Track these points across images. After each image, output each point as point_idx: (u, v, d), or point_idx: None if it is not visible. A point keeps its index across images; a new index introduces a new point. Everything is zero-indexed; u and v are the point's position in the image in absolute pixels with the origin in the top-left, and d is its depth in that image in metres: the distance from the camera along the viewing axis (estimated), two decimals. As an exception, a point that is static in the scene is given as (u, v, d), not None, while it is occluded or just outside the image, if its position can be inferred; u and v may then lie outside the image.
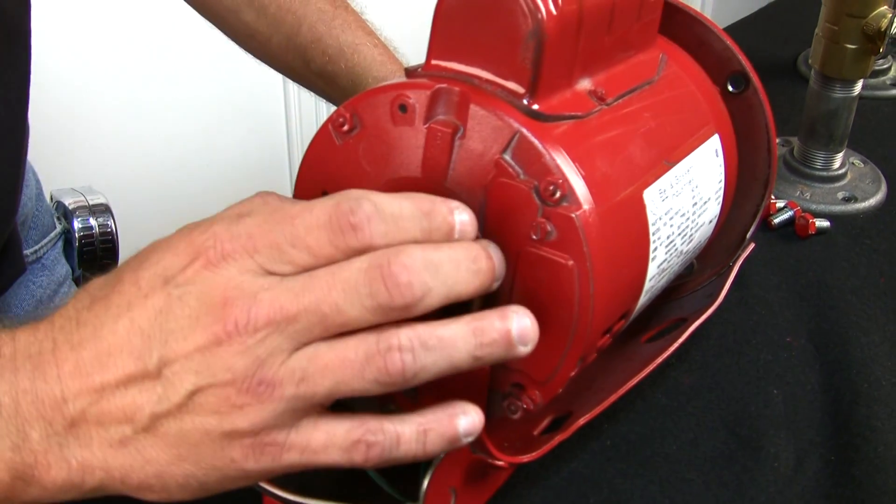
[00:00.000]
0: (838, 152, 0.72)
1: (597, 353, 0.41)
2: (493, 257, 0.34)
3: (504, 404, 0.39)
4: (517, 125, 0.35)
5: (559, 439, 0.42)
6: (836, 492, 0.46)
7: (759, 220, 0.52)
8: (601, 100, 0.40)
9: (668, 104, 0.45)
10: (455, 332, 0.32)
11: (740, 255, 0.53)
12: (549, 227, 0.35)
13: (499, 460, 0.40)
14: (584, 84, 0.40)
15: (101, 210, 0.63)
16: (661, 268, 0.42)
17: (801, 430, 0.50)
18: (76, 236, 0.69)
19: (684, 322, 0.50)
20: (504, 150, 0.35)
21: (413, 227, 0.33)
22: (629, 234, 0.39)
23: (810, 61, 0.71)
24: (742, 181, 0.52)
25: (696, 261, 0.54)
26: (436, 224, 0.33)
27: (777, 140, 0.77)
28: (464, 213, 0.34)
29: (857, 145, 0.78)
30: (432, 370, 0.32)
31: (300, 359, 0.31)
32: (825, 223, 0.68)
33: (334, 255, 0.32)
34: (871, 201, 0.71)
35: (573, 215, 0.34)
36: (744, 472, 0.47)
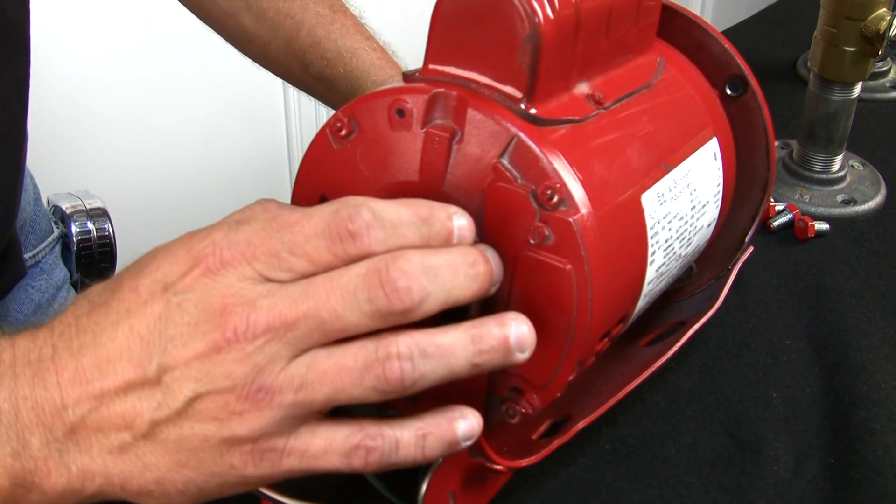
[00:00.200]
0: (837, 155, 0.72)
1: (595, 357, 0.41)
2: (491, 261, 0.34)
3: (502, 408, 0.39)
4: (514, 129, 0.35)
5: (558, 443, 0.42)
6: (835, 495, 0.46)
7: (758, 223, 0.52)
8: (599, 104, 0.40)
9: (666, 108, 0.45)
10: (454, 340, 0.32)
11: (739, 258, 0.53)
12: (547, 231, 0.35)
13: (497, 464, 0.40)
14: (582, 88, 0.40)
15: (99, 214, 0.63)
16: (659, 271, 0.42)
17: (801, 434, 0.50)
18: (74, 240, 0.69)
19: (683, 325, 0.50)
20: (501, 154, 0.35)
21: (411, 233, 0.33)
22: (627, 238, 0.39)
23: (809, 64, 0.71)
24: (741, 184, 0.52)
25: (694, 264, 0.54)
26: (434, 230, 0.33)
27: (776, 143, 0.77)
28: (462, 219, 0.34)
29: (856, 148, 0.78)
30: (431, 378, 0.32)
31: (299, 366, 0.31)
32: (824, 226, 0.68)
33: (333, 263, 0.32)
34: (871, 204, 0.71)
35: (571, 219, 0.34)
36: (743, 476, 0.47)
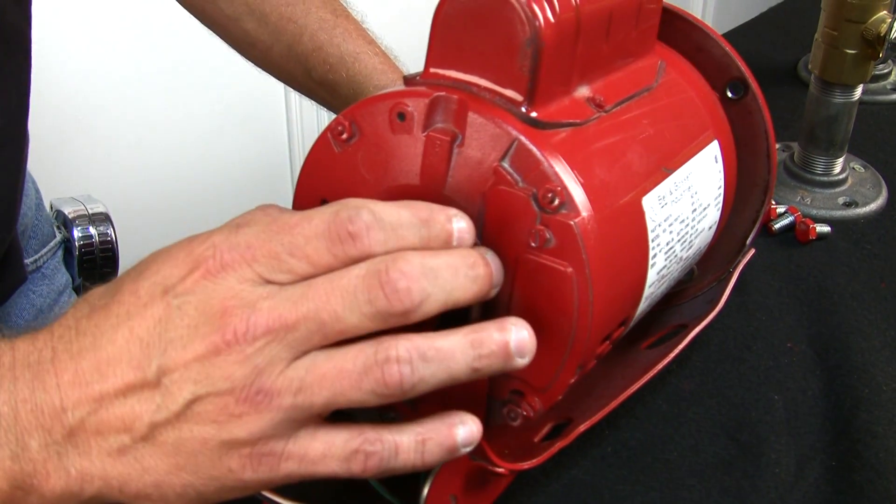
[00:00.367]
0: (839, 157, 0.72)
1: (596, 360, 0.41)
2: (491, 264, 0.34)
3: (504, 411, 0.39)
4: (515, 133, 0.35)
5: (559, 446, 0.42)
6: (837, 498, 0.46)
7: (759, 225, 0.52)
8: (599, 107, 0.40)
9: (667, 111, 0.45)
10: (453, 344, 0.32)
11: (740, 260, 0.53)
12: (548, 234, 0.35)
13: (499, 467, 0.40)
14: (583, 91, 0.40)
15: (101, 219, 0.63)
16: (660, 274, 0.42)
17: (802, 436, 0.50)
18: (76, 245, 0.69)
19: (685, 328, 0.50)
20: (502, 157, 0.35)
21: (411, 235, 0.33)
22: (628, 240, 0.39)
23: (810, 66, 0.71)
24: (742, 187, 0.52)
25: (696, 267, 0.54)
26: (434, 232, 0.34)
27: (777, 145, 0.78)
28: (462, 221, 0.34)
29: (857, 150, 0.78)
30: (431, 382, 0.32)
31: (298, 368, 0.31)
32: (826, 228, 0.68)
33: (333, 264, 0.32)
34: (872, 206, 0.71)
35: (572, 223, 0.35)
36: (744, 479, 0.47)
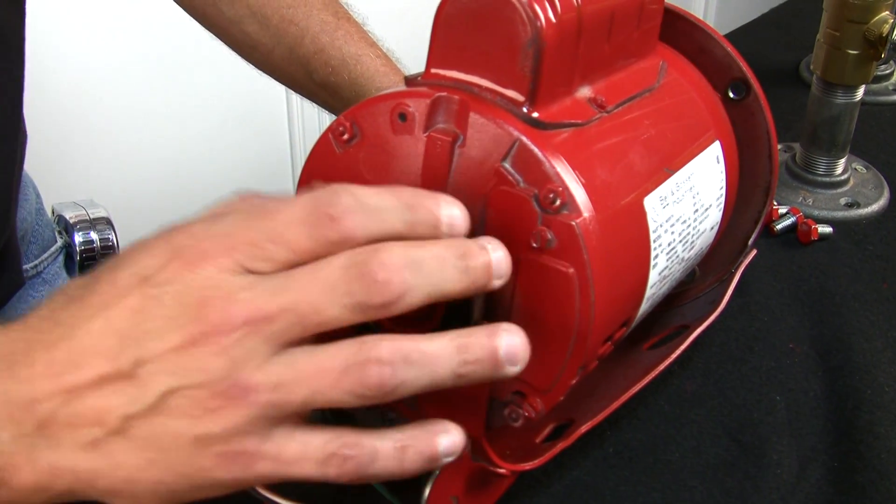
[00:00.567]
0: (840, 158, 0.72)
1: (598, 361, 0.41)
2: (492, 254, 0.33)
3: (505, 412, 0.39)
4: (517, 133, 0.35)
5: (561, 447, 0.42)
6: (839, 499, 0.46)
7: (760, 226, 0.52)
8: (601, 107, 0.40)
9: (669, 111, 0.45)
10: (439, 348, 0.31)
11: (742, 261, 0.53)
12: (550, 235, 0.35)
13: (501, 468, 0.40)
14: (584, 92, 0.40)
15: (103, 223, 0.62)
16: (662, 275, 0.42)
17: (804, 437, 0.50)
18: (77, 250, 0.69)
19: (686, 329, 0.50)
20: (504, 158, 0.35)
21: (395, 219, 0.32)
22: (630, 241, 0.39)
23: (812, 67, 0.71)
24: (743, 188, 0.52)
25: (697, 267, 0.54)
26: (420, 217, 0.32)
27: (779, 146, 0.77)
28: (453, 207, 0.33)
29: (859, 151, 0.78)
30: (413, 385, 0.31)
31: (277, 364, 0.31)
32: (828, 229, 0.67)
33: (314, 250, 0.31)
34: (874, 207, 0.71)
35: (573, 223, 0.34)
36: (746, 480, 0.47)
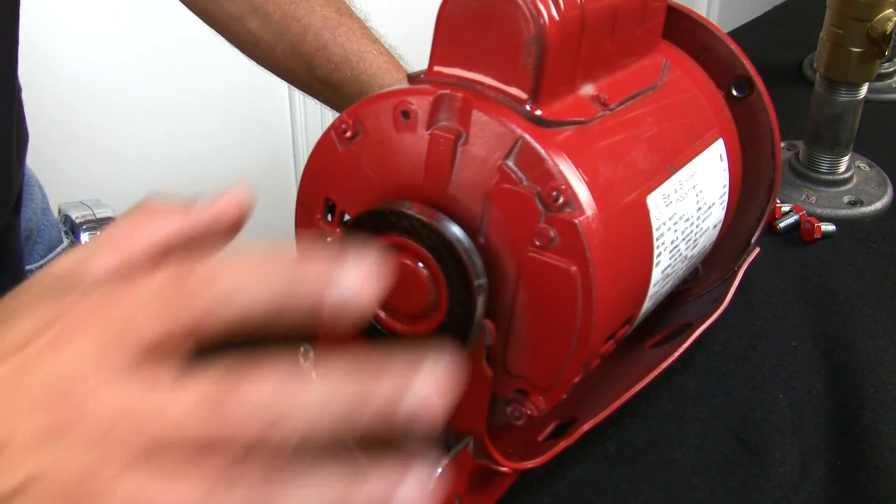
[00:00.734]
0: (844, 156, 0.72)
1: (600, 359, 0.41)
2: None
3: (508, 410, 0.39)
4: (519, 131, 0.35)
5: (563, 445, 0.42)
6: (841, 497, 0.46)
7: (763, 224, 0.52)
8: (604, 105, 0.40)
9: (672, 109, 0.45)
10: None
11: (745, 259, 0.53)
12: (552, 233, 0.35)
13: (503, 466, 0.40)
14: (587, 89, 0.40)
15: (109, 223, 0.62)
16: (665, 273, 0.42)
17: (807, 436, 0.50)
18: None
19: (689, 327, 0.50)
20: (507, 156, 0.35)
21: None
22: (633, 239, 0.39)
23: (815, 65, 0.70)
24: (746, 186, 0.52)
25: (700, 266, 0.54)
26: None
27: (782, 144, 0.77)
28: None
29: (863, 149, 0.78)
30: None
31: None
32: (831, 227, 0.67)
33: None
34: (877, 205, 0.71)
35: (576, 221, 0.34)
36: (749, 478, 0.47)
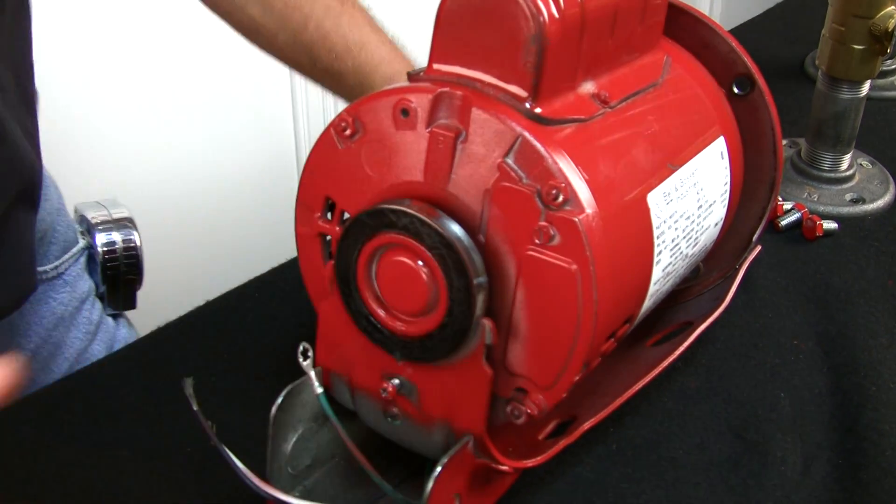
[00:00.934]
0: (846, 154, 0.72)
1: (601, 358, 0.41)
2: None
3: (508, 409, 0.39)
4: (519, 129, 0.35)
5: (564, 444, 0.42)
6: (843, 496, 0.46)
7: (765, 222, 0.52)
8: (604, 103, 0.40)
9: (673, 107, 0.45)
10: None
11: (746, 257, 0.53)
12: (552, 231, 0.35)
13: (503, 465, 0.40)
14: (588, 87, 0.40)
15: (125, 224, 0.61)
16: (665, 271, 0.42)
17: (809, 434, 0.50)
18: (98, 251, 0.67)
19: (690, 326, 0.50)
20: (506, 153, 0.35)
21: None
22: (633, 237, 0.39)
23: (817, 62, 0.70)
24: (748, 183, 0.51)
25: (702, 264, 0.54)
26: None
27: (784, 141, 0.77)
28: None
29: (865, 146, 0.77)
30: None
31: None
32: (833, 225, 0.67)
33: None
34: (880, 203, 0.71)
35: (576, 219, 0.34)
36: (750, 477, 0.47)
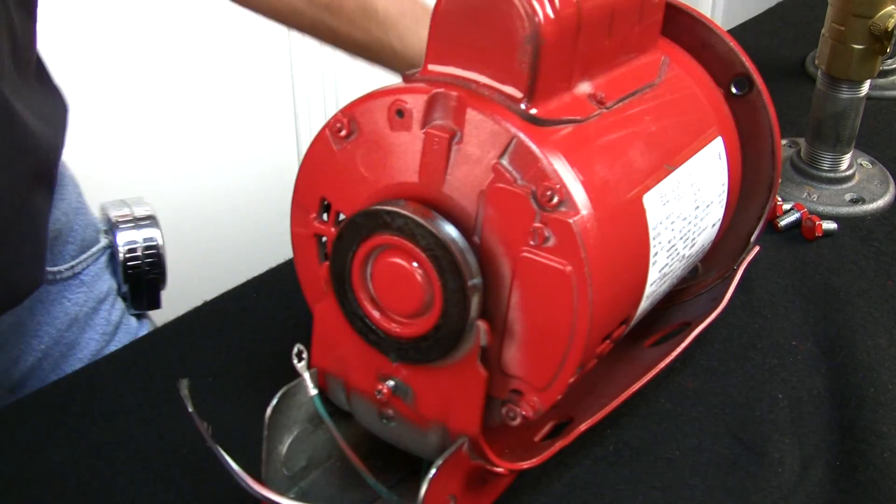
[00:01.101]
0: (845, 153, 0.72)
1: (597, 359, 0.40)
2: None
3: (503, 411, 0.39)
4: (514, 130, 0.35)
5: (560, 446, 0.41)
6: (840, 498, 0.46)
7: (763, 223, 0.52)
8: (601, 103, 0.40)
9: (670, 107, 0.45)
10: None
11: (745, 258, 0.53)
12: (547, 232, 0.35)
13: (498, 467, 0.40)
14: (584, 87, 0.40)
15: (148, 222, 0.60)
16: (662, 272, 0.42)
17: (807, 436, 0.49)
18: (119, 250, 0.67)
19: (688, 326, 0.50)
20: (501, 154, 0.35)
21: None
22: (629, 239, 0.38)
23: (817, 62, 0.70)
24: (746, 184, 0.51)
25: (700, 264, 0.54)
26: None
27: (784, 141, 0.77)
28: None
29: (865, 146, 0.77)
30: None
31: None
32: (832, 225, 0.67)
33: None
34: (880, 203, 0.71)
35: (571, 221, 0.34)
36: (748, 478, 0.47)
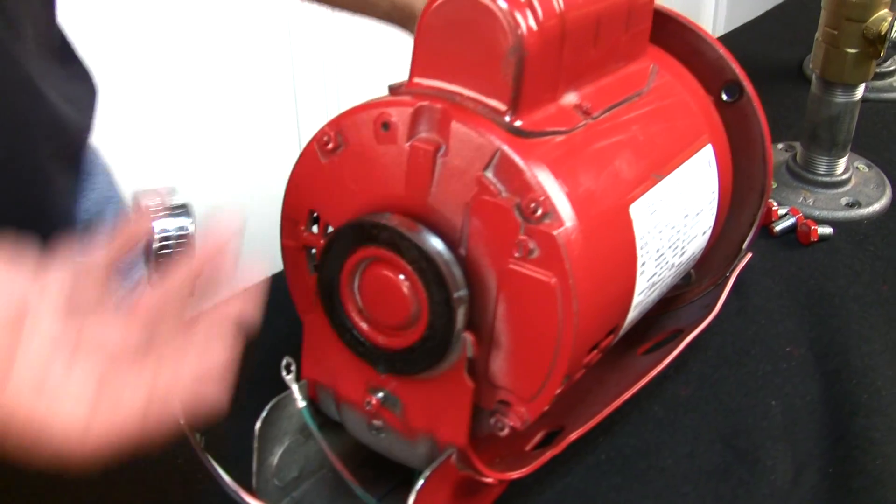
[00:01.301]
0: (841, 157, 0.72)
1: (585, 369, 0.40)
2: None
3: (491, 421, 0.39)
4: (498, 142, 0.35)
5: (550, 455, 0.41)
6: (833, 505, 0.46)
7: (756, 229, 0.52)
8: (587, 114, 0.40)
9: (658, 115, 0.45)
10: None
11: (737, 264, 0.52)
12: (532, 244, 0.35)
13: (487, 477, 0.40)
14: (570, 98, 0.40)
15: (180, 211, 0.60)
16: (651, 282, 0.42)
17: (800, 443, 0.49)
18: (152, 238, 0.68)
19: (681, 333, 0.50)
20: (486, 167, 0.35)
21: None
22: (615, 249, 0.38)
23: (811, 66, 0.70)
24: (738, 191, 0.51)
25: (693, 271, 0.54)
26: None
27: (780, 145, 0.77)
28: None
29: (862, 149, 0.77)
30: None
31: None
32: (828, 230, 0.67)
33: None
34: (876, 206, 0.70)
35: (555, 233, 0.34)
36: (740, 486, 0.47)
